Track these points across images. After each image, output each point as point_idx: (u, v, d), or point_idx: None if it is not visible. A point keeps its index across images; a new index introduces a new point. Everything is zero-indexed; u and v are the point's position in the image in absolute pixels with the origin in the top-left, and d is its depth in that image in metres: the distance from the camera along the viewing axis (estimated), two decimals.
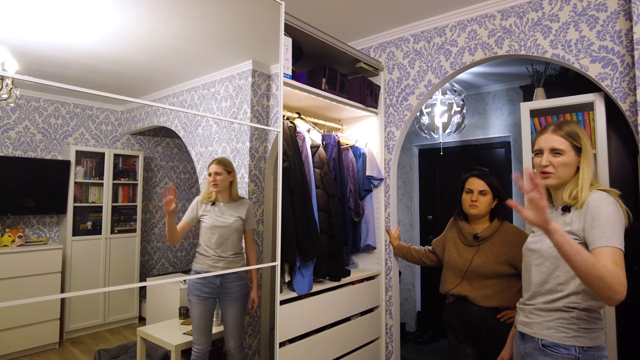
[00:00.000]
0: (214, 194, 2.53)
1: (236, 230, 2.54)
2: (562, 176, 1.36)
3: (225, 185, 2.54)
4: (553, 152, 1.37)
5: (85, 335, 3.58)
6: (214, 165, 2.52)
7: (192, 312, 2.50)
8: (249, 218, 2.61)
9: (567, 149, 1.35)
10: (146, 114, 3.71)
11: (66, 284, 3.53)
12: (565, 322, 1.29)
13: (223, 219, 2.50)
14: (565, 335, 1.28)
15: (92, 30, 2.35)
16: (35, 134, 3.36)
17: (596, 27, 2.05)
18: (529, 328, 1.38)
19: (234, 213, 2.54)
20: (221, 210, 2.53)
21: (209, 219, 2.49)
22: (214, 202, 2.53)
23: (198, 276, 2.49)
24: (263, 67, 3.38)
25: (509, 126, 3.89)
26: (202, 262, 2.51)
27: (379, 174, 2.74)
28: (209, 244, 2.49)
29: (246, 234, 2.62)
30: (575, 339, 1.27)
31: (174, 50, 2.79)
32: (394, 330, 2.74)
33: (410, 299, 4.45)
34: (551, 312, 1.32)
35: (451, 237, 2.19)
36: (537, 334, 1.34)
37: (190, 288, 2.50)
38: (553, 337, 1.30)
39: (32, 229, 3.51)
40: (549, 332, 1.31)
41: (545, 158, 1.38)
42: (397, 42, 2.83)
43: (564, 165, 1.35)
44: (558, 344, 1.29)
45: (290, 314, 2.04)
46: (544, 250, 1.36)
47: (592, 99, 2.15)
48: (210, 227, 2.49)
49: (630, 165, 2.20)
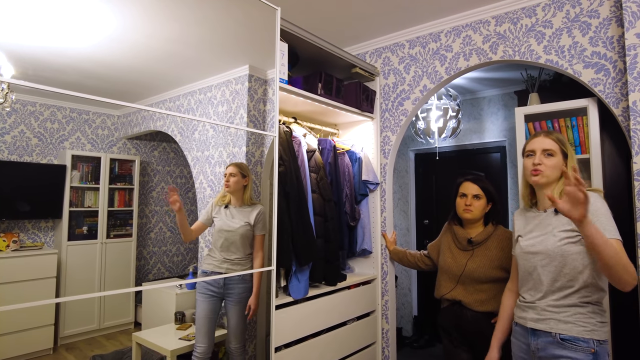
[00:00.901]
0: (227, 197, 2.59)
1: (243, 235, 2.56)
2: (550, 176, 1.49)
3: (238, 187, 2.59)
4: (545, 153, 1.50)
5: (80, 341, 3.56)
6: (231, 167, 2.59)
7: (197, 311, 2.55)
8: (258, 223, 2.61)
9: (557, 151, 1.50)
10: (142, 119, 3.71)
11: (61, 289, 3.51)
12: (582, 316, 1.36)
13: (231, 223, 2.54)
14: (584, 329, 1.35)
15: (88, 34, 2.36)
16: (31, 139, 3.36)
17: (589, 33, 2.07)
18: (544, 324, 1.42)
19: (243, 218, 2.57)
20: (232, 214, 2.57)
21: (219, 222, 2.56)
22: (227, 205, 2.59)
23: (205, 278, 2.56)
24: (260, 72, 3.39)
25: (504, 131, 3.91)
26: (209, 262, 2.58)
27: (375, 178, 2.75)
28: (216, 246, 2.57)
29: (255, 239, 2.63)
30: (593, 332, 1.34)
31: (170, 55, 2.80)
32: (390, 334, 2.74)
33: (407, 303, 4.45)
34: (567, 307, 1.38)
35: (446, 241, 2.19)
36: (554, 329, 1.39)
37: (198, 286, 2.58)
38: (572, 331, 1.36)
39: (27, 233, 3.50)
40: (567, 327, 1.37)
41: (537, 157, 1.50)
42: (392, 48, 2.85)
43: (554, 166, 1.48)
44: (578, 338, 1.35)
45: (286, 318, 2.04)
46: (550, 250, 1.42)
47: (586, 104, 2.17)
48: (219, 229, 2.55)
49: (624, 170, 2.22)
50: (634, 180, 1.78)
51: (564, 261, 1.39)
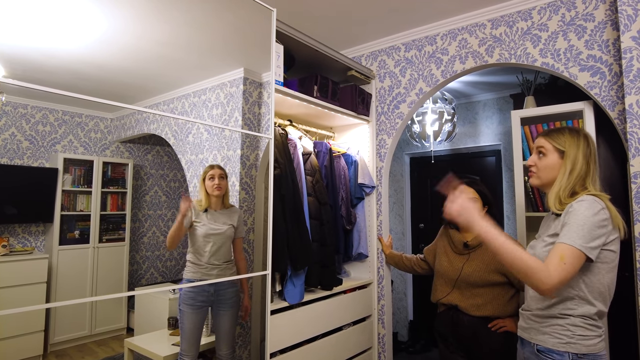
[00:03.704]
0: (206, 201, 2.48)
1: (229, 238, 2.51)
2: (543, 177, 1.39)
3: (227, 189, 2.54)
4: (538, 153, 1.42)
5: (71, 348, 3.49)
6: (217, 169, 2.49)
7: (184, 322, 2.41)
8: (240, 226, 2.58)
9: (550, 150, 1.38)
10: (136, 122, 3.67)
11: (52, 294, 3.45)
12: (560, 328, 1.29)
13: (217, 227, 2.46)
14: (559, 341, 1.28)
15: (81, 36, 2.33)
16: (22, 141, 3.31)
17: (584, 36, 2.07)
18: (527, 333, 1.39)
19: (226, 220, 2.51)
20: (214, 218, 2.48)
21: (202, 227, 2.43)
22: (206, 209, 2.48)
23: (192, 284, 2.41)
24: (255, 74, 3.37)
25: (500, 134, 3.92)
26: (194, 271, 2.44)
27: (371, 181, 2.73)
28: (201, 252, 2.43)
29: (235, 243, 2.59)
30: (569, 345, 1.27)
31: (163, 57, 2.77)
32: (386, 339, 2.71)
33: (403, 308, 4.43)
34: (547, 318, 1.32)
35: (442, 245, 2.18)
36: (533, 339, 1.35)
37: (183, 297, 2.42)
38: (547, 343, 1.30)
39: (17, 238, 3.44)
40: (543, 338, 1.31)
41: (531, 158, 1.44)
42: (388, 51, 2.85)
43: (546, 167, 1.38)
44: (552, 350, 1.29)
45: (281, 324, 2.01)
46: (537, 255, 1.34)
47: (582, 107, 2.18)
48: (204, 234, 2.43)
49: (619, 173, 2.22)
50: (631, 183, 1.77)
51: None
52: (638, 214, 1.75)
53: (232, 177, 3.25)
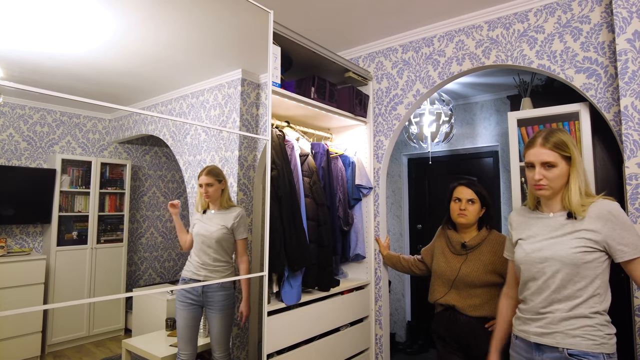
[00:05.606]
0: (205, 202, 2.53)
1: (219, 239, 2.47)
2: (556, 187, 1.38)
3: (218, 194, 2.52)
4: (544, 165, 1.38)
5: (69, 349, 3.48)
6: (204, 177, 2.47)
7: (177, 319, 2.48)
8: (238, 227, 2.53)
9: (558, 160, 1.37)
10: (134, 123, 3.67)
11: (49, 295, 3.44)
12: (591, 329, 1.28)
13: (207, 227, 2.48)
14: (593, 342, 1.27)
15: (78, 38, 2.33)
16: (20, 142, 3.30)
17: (580, 38, 2.08)
18: (550, 338, 1.33)
19: (219, 222, 2.49)
20: (209, 219, 2.51)
21: (197, 227, 2.51)
22: (205, 210, 2.54)
23: (183, 287, 2.48)
24: (252, 76, 3.37)
25: (497, 136, 3.93)
26: (187, 269, 2.51)
27: (368, 182, 2.74)
28: (195, 251, 2.50)
29: (237, 244, 2.55)
30: (602, 346, 1.27)
31: (161, 58, 2.77)
32: (384, 340, 2.72)
33: (400, 308, 4.43)
34: (574, 319, 1.30)
35: (439, 246, 2.18)
36: (560, 344, 1.31)
37: (177, 294, 2.52)
38: (580, 346, 1.28)
39: (15, 238, 3.43)
40: (575, 341, 1.29)
41: (537, 172, 1.38)
42: (385, 52, 2.86)
43: (558, 177, 1.37)
44: (587, 352, 1.27)
45: (278, 325, 2.01)
46: (562, 256, 1.32)
47: (578, 108, 2.19)
48: (196, 234, 2.50)
49: (615, 175, 2.23)
50: (626, 185, 1.78)
51: (576, 269, 1.30)
52: (633, 215, 1.76)
53: (229, 178, 3.25)
